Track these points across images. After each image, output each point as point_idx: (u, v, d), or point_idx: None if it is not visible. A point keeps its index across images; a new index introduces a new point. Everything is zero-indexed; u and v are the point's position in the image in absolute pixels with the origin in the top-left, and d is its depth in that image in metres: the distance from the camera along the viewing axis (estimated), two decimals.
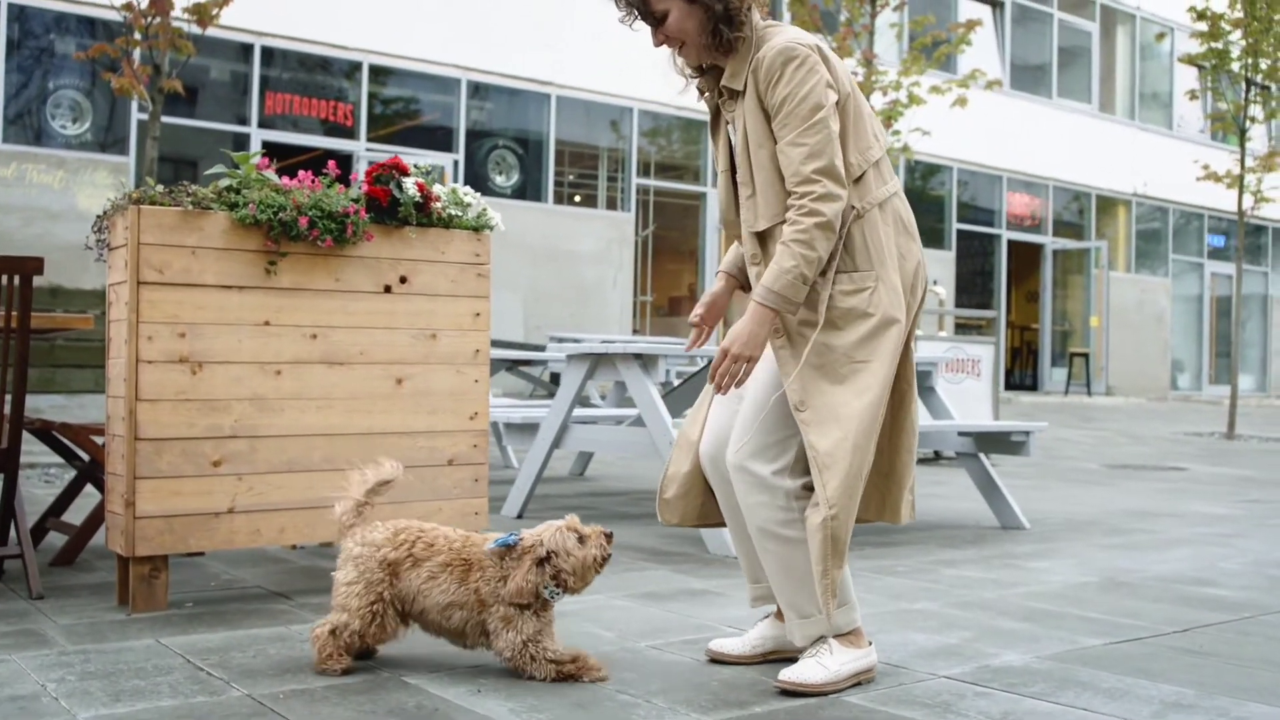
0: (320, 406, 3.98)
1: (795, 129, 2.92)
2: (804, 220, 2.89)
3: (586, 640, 3.46)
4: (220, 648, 3.28)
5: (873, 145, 3.07)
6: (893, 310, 3.00)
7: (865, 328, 2.97)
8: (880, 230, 3.02)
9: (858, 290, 2.99)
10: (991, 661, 3.29)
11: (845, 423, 2.92)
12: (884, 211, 3.04)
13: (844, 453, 2.90)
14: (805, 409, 2.94)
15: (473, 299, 4.31)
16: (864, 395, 2.94)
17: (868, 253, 3.00)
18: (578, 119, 17.17)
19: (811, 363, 2.96)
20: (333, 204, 3.94)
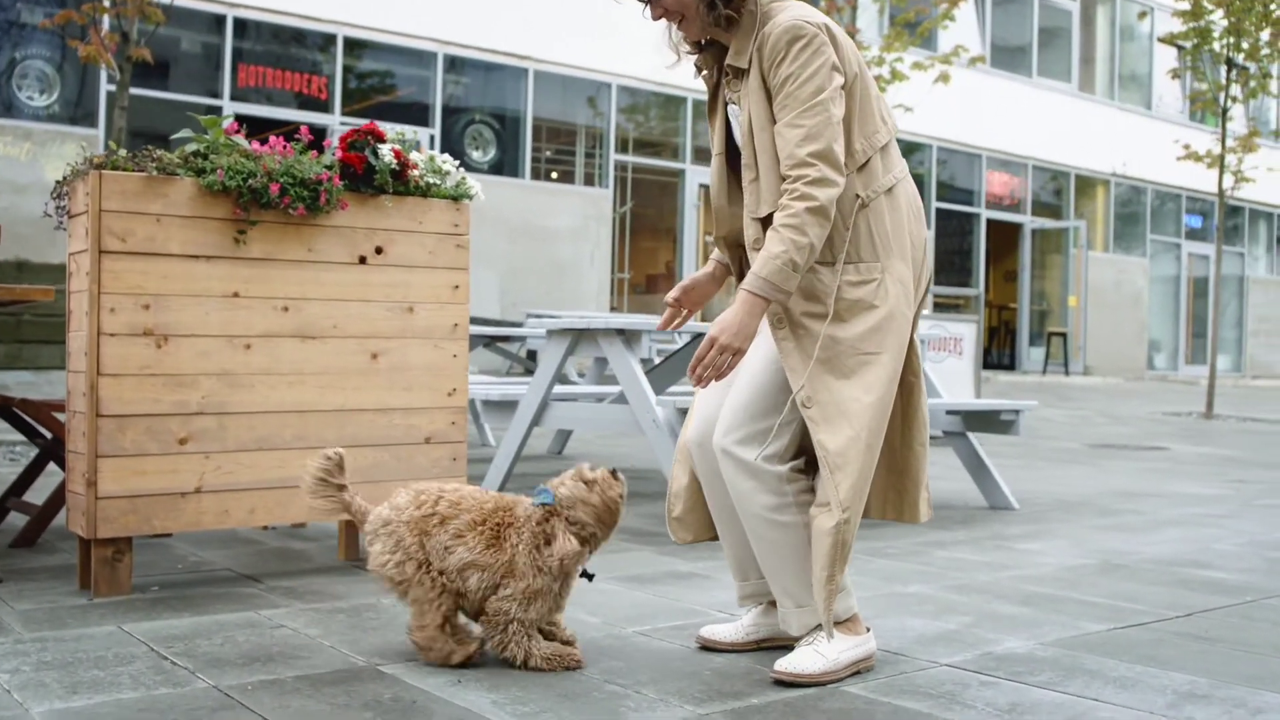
0: (292, 382, 3.81)
1: (794, 110, 2.76)
2: (795, 205, 2.73)
3: (571, 626, 3.30)
4: (186, 635, 3.12)
5: (879, 129, 2.91)
6: (899, 302, 2.85)
7: (872, 320, 2.82)
8: (887, 219, 2.87)
9: (864, 281, 2.84)
10: (994, 649, 3.16)
11: (855, 420, 2.77)
12: (892, 198, 2.89)
13: (856, 453, 2.77)
14: (812, 405, 2.79)
15: (451, 270, 4.14)
16: (872, 390, 2.80)
17: (873, 243, 2.85)
18: (555, 94, 16.96)
19: (817, 356, 2.81)
20: (305, 170, 3.76)
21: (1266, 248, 28.57)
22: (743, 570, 3.11)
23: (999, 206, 22.50)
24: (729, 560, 3.13)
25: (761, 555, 2.92)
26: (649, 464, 7.78)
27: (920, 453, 3.01)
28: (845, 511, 2.74)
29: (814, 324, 2.82)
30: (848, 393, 2.79)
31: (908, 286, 2.89)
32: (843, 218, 2.84)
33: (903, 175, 2.94)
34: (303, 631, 3.17)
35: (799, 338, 2.83)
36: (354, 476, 3.87)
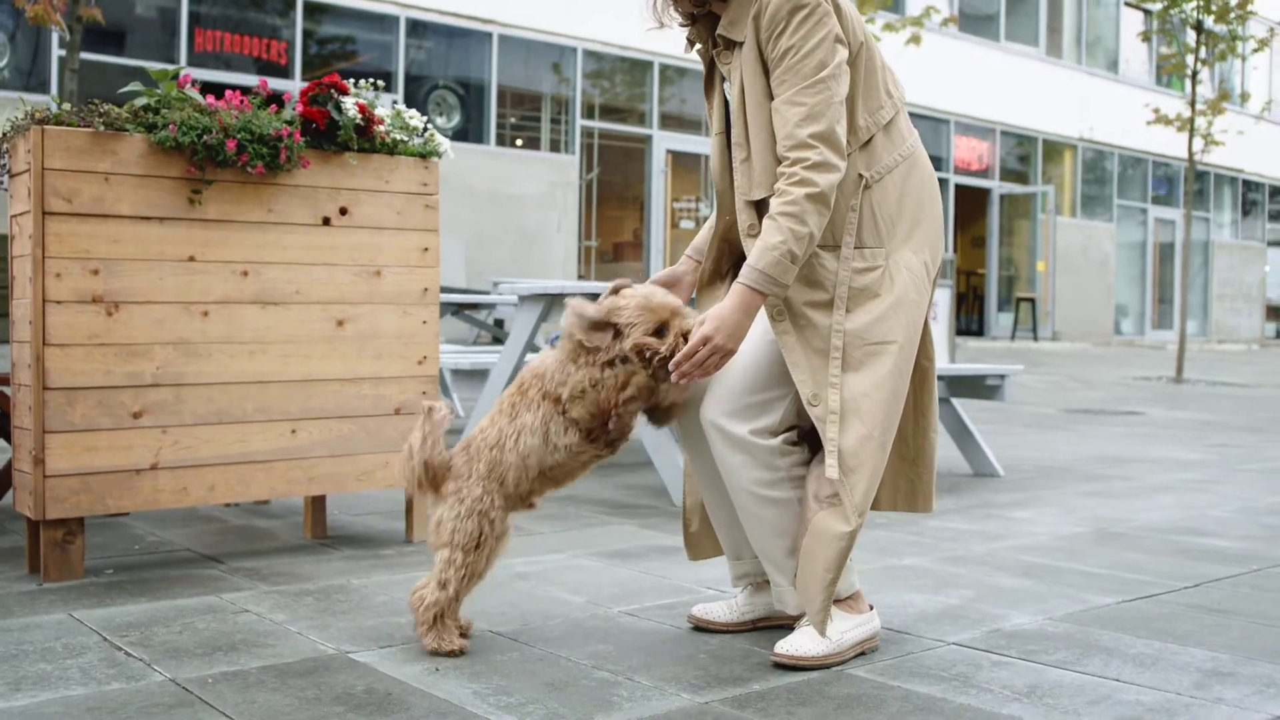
0: (252, 351, 3.60)
1: (794, 86, 2.55)
2: (794, 191, 2.52)
3: (552, 606, 3.13)
4: (142, 621, 2.91)
5: (884, 104, 2.70)
6: (907, 288, 2.66)
7: (878, 309, 2.63)
8: (892, 200, 2.67)
9: (868, 269, 2.64)
10: (1001, 625, 2.99)
11: (867, 417, 2.59)
12: (899, 177, 2.69)
13: (869, 453, 2.59)
14: (819, 403, 2.60)
15: (420, 232, 3.93)
16: (883, 385, 2.60)
17: (877, 227, 2.66)
18: (520, 59, 16.66)
19: (820, 349, 2.62)
20: (264, 126, 3.53)
21: (1231, 212, 28.62)
22: (735, 549, 2.93)
23: (967, 172, 22.38)
24: (721, 537, 2.95)
25: (753, 533, 2.73)
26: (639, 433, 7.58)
27: (933, 439, 2.83)
28: (860, 518, 2.57)
29: (817, 314, 2.62)
30: (857, 387, 2.60)
31: (916, 271, 2.69)
32: (844, 199, 2.64)
33: (911, 151, 2.74)
34: (267, 617, 2.97)
35: (801, 330, 2.63)
36: (319, 450, 3.67)
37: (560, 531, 4.20)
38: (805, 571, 2.60)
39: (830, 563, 2.57)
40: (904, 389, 2.66)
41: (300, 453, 3.69)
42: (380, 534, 4.10)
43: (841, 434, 2.57)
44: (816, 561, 2.58)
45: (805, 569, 2.60)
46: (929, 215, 2.74)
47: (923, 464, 2.83)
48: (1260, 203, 29.43)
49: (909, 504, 2.87)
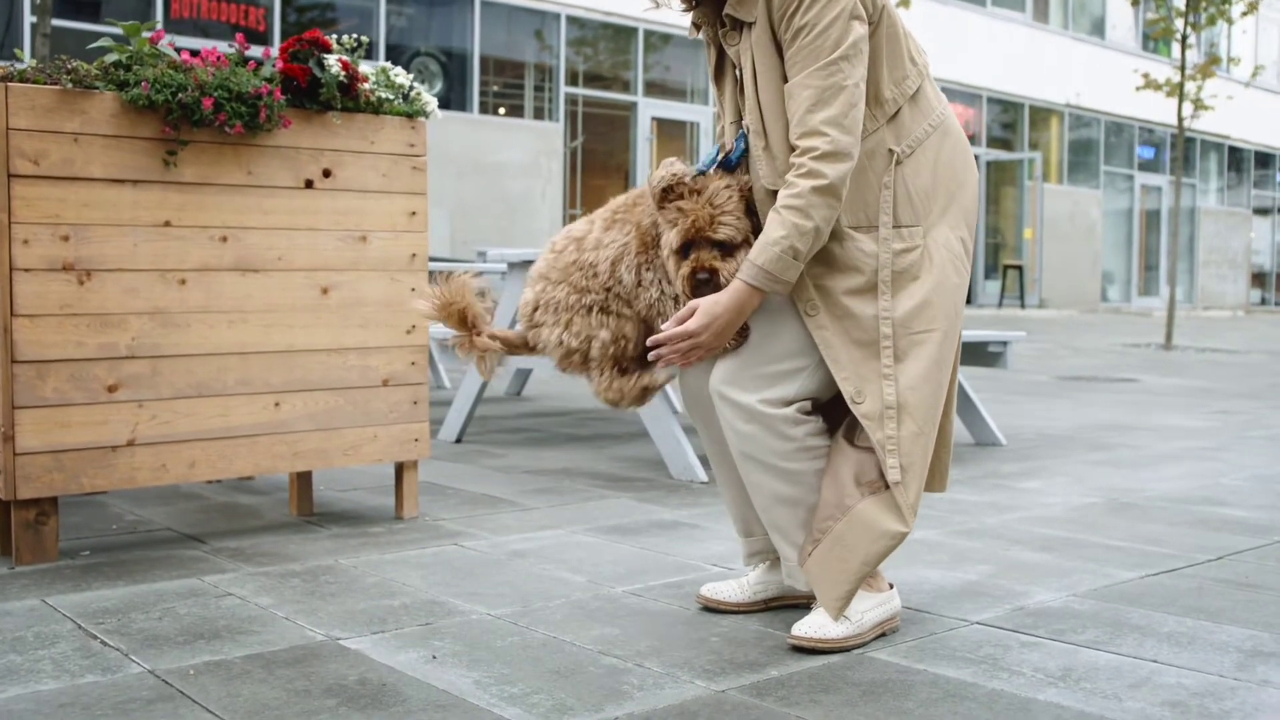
0: (233, 321, 3.42)
1: (808, 67, 2.37)
2: (800, 183, 2.35)
3: (552, 585, 2.97)
4: (119, 607, 2.75)
5: (909, 73, 2.52)
6: (947, 269, 2.50)
7: (919, 294, 2.47)
8: (926, 174, 2.50)
9: (907, 249, 2.48)
10: (1025, 602, 2.85)
11: (915, 412, 2.45)
12: (930, 149, 2.52)
13: (919, 451, 2.46)
14: (864, 399, 2.45)
15: (407, 196, 3.75)
16: (930, 377, 2.46)
17: (912, 204, 2.49)
18: (502, 25, 16.41)
19: (861, 339, 2.46)
20: (242, 84, 3.34)
21: (1217, 179, 28.53)
22: (747, 525, 2.77)
23: None
24: (732, 513, 2.80)
25: (764, 507, 2.57)
26: None
27: (953, 417, 2.68)
28: (914, 518, 2.46)
29: (856, 303, 2.46)
30: (903, 381, 2.45)
31: (955, 251, 2.53)
32: (876, 177, 2.47)
33: (941, 120, 2.56)
34: (252, 601, 2.81)
35: (839, 320, 2.46)
36: (304, 424, 3.51)
37: (555, 506, 4.05)
38: (834, 557, 2.45)
39: (871, 558, 2.43)
40: (947, 380, 2.52)
41: (284, 427, 3.52)
42: (369, 510, 3.94)
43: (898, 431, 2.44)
44: (853, 552, 2.43)
45: (834, 555, 2.45)
46: (964, 187, 2.58)
47: (942, 444, 2.68)
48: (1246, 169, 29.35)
49: (927, 485, 2.73)
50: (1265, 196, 30.19)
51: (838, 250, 2.47)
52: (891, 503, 2.44)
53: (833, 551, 2.45)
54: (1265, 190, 30.16)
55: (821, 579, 2.47)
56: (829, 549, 2.45)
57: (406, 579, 3.03)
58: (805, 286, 2.48)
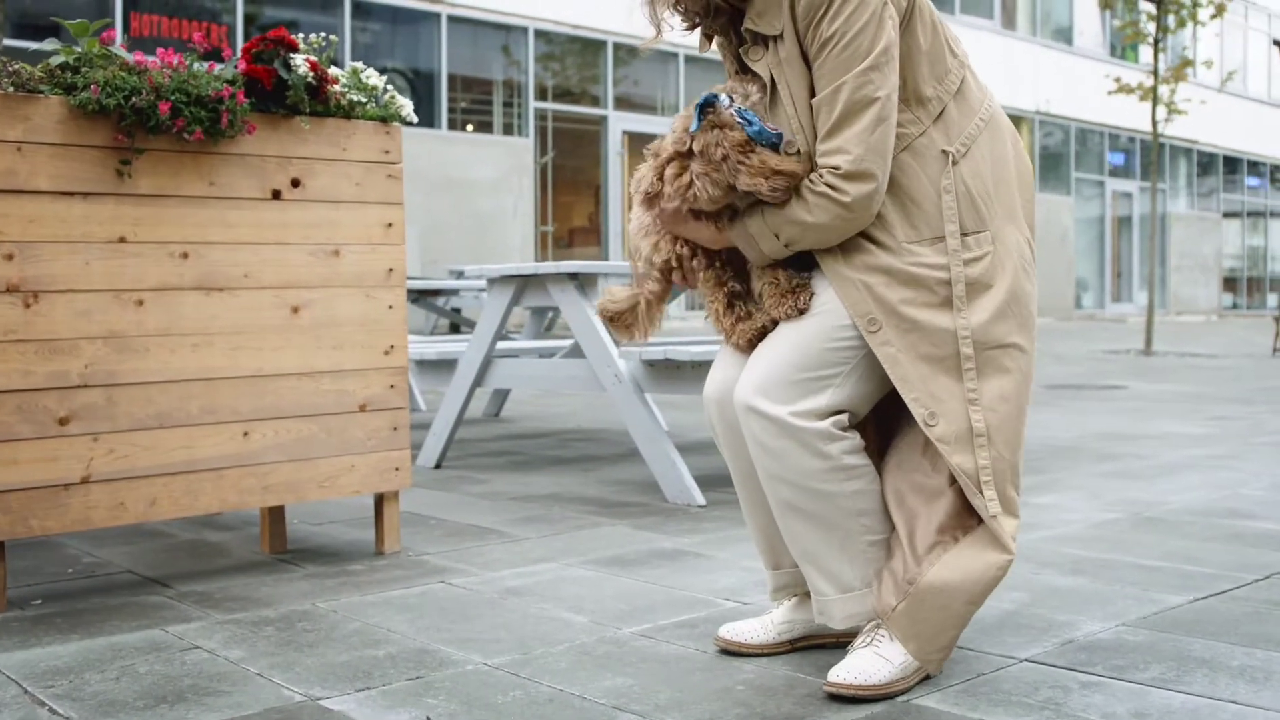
0: (196, 344, 3.14)
1: (836, 79, 2.16)
2: (815, 195, 2.18)
3: (553, 628, 2.71)
4: (72, 666, 2.46)
5: (951, 68, 2.28)
6: (1019, 276, 2.28)
7: (993, 304, 2.24)
8: (985, 173, 2.27)
9: (977, 259, 2.24)
10: (1073, 634, 2.60)
11: (995, 435, 2.24)
12: (986, 145, 2.29)
13: (1003, 477, 2.26)
14: (938, 421, 2.21)
15: (383, 206, 3.49)
16: (1009, 398, 2.25)
17: (975, 207, 2.25)
18: (469, 40, 16.16)
19: (929, 355, 2.22)
20: (201, 86, 3.07)
21: (1186, 184, 28.55)
22: (775, 556, 2.52)
23: None
24: (757, 545, 2.54)
25: (794, 534, 2.32)
26: (606, 424, 7.17)
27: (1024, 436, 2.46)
28: (1014, 544, 2.26)
29: (924, 315, 2.22)
30: (984, 402, 2.23)
31: (1025, 254, 2.31)
32: (932, 182, 2.24)
33: (990, 114, 2.33)
34: (221, 654, 2.52)
35: (904, 335, 2.22)
36: (275, 454, 3.23)
37: (547, 536, 3.78)
38: (932, 606, 2.22)
39: (977, 596, 2.22)
40: (1028, 398, 2.30)
41: (254, 458, 3.24)
42: (347, 546, 3.66)
43: (968, 458, 2.21)
44: (954, 597, 2.21)
45: (932, 604, 2.22)
46: (1023, 182, 2.37)
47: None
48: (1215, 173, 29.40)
49: None
50: (1234, 201, 30.24)
51: (897, 264, 2.23)
52: (989, 535, 2.22)
53: (929, 600, 2.21)
54: (1234, 194, 30.21)
55: (918, 632, 2.23)
56: (924, 598, 2.21)
57: (392, 624, 2.75)
58: (863, 300, 2.24)
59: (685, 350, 4.35)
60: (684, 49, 18.49)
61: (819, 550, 2.31)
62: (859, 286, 2.24)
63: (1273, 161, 31.13)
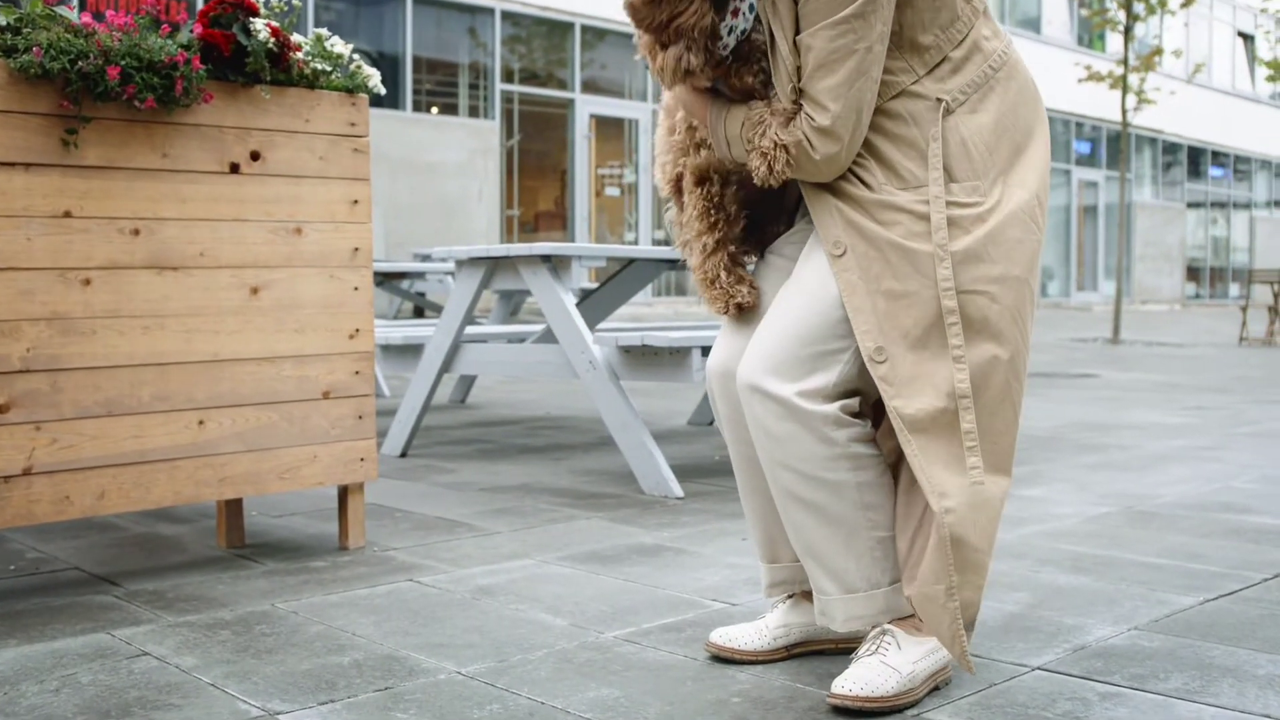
0: (148, 326, 2.94)
1: (817, 23, 1.98)
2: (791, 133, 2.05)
3: (530, 632, 2.53)
4: (9, 676, 2.26)
5: (961, 16, 2.09)
6: (1009, 226, 2.07)
7: (970, 242, 2.05)
8: (986, 123, 2.08)
9: (963, 205, 2.05)
10: (1085, 639, 2.45)
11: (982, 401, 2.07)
12: (996, 95, 2.10)
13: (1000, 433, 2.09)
14: (885, 359, 2.04)
15: (348, 182, 3.29)
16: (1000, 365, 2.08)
17: (969, 157, 2.06)
18: (435, 21, 15.89)
19: (892, 290, 2.04)
20: (154, 51, 2.87)
21: (1151, 173, 28.61)
22: (772, 549, 2.35)
23: None
24: (754, 535, 2.37)
25: (796, 526, 2.15)
26: (575, 411, 7.00)
27: (1021, 404, 2.29)
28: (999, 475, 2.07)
29: (891, 246, 2.05)
30: (968, 359, 2.05)
31: (1026, 206, 2.10)
32: (922, 133, 2.06)
33: (1003, 62, 2.13)
34: (172, 662, 2.33)
35: (869, 263, 2.05)
36: (232, 444, 3.04)
37: (519, 530, 3.60)
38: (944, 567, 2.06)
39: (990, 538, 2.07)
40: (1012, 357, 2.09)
41: (209, 448, 3.04)
42: (308, 540, 3.48)
43: (909, 401, 2.03)
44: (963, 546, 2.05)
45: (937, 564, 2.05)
46: (1032, 139, 2.16)
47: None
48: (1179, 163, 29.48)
49: None
50: (1198, 191, 30.35)
51: (873, 198, 2.07)
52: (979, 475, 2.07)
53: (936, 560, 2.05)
54: (1198, 185, 30.31)
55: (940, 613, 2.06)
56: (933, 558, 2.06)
57: (357, 627, 2.57)
58: (834, 223, 2.08)
59: (663, 336, 4.17)
60: None
61: (822, 545, 2.14)
62: (833, 210, 2.09)
63: (1236, 152, 31.26)
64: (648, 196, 18.24)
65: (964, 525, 2.03)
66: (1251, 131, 31.28)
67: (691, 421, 6.32)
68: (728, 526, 3.63)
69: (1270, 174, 33.12)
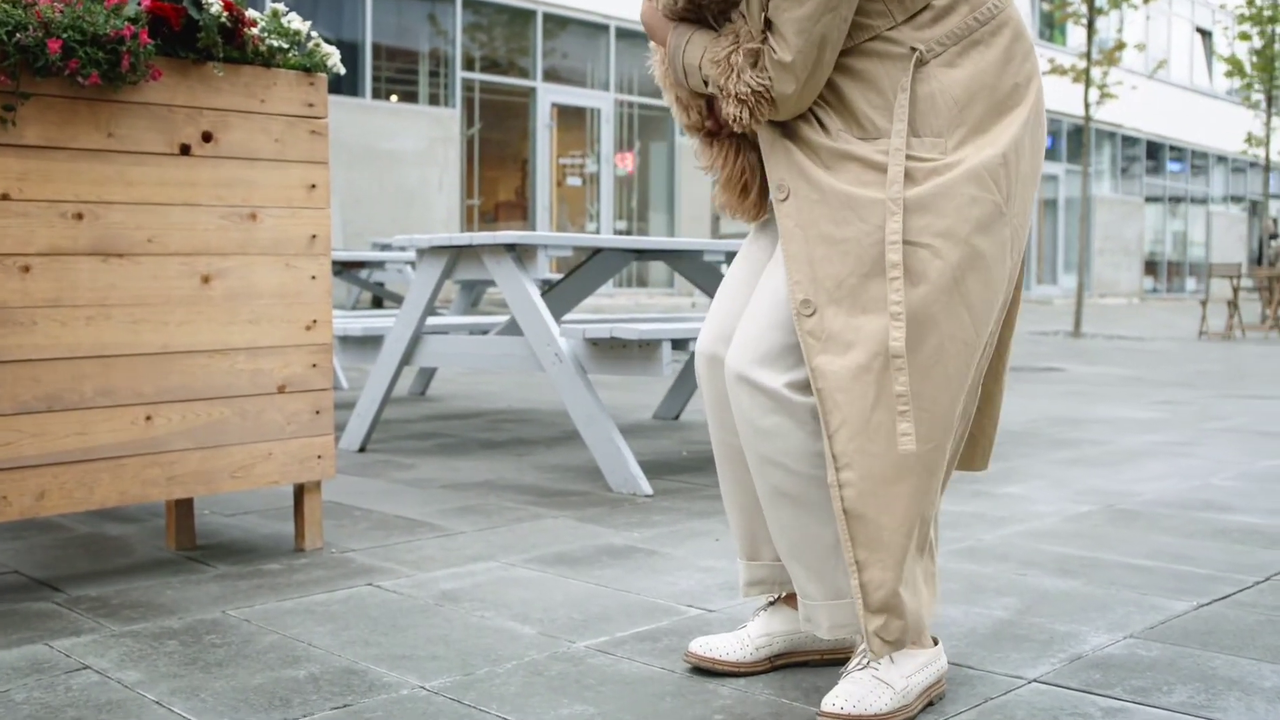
0: (92, 317, 2.78)
1: None
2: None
3: (498, 641, 2.40)
4: None
5: None
6: (962, 182, 1.91)
7: (927, 191, 1.91)
8: (962, 79, 1.93)
9: (922, 160, 1.91)
10: (1080, 648, 2.34)
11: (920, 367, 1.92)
12: (978, 49, 1.95)
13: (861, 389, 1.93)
14: (813, 313, 1.92)
15: (305, 165, 3.14)
16: (919, 314, 1.92)
17: (936, 110, 1.92)
18: (395, 7, 15.66)
19: (830, 235, 1.92)
20: (98, 24, 2.70)
21: (1110, 167, 28.73)
22: (753, 545, 2.22)
23: None
24: (735, 529, 2.24)
25: (781, 525, 2.02)
26: (538, 404, 6.85)
27: (1004, 386, 2.16)
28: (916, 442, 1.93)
29: (835, 188, 1.92)
30: (875, 292, 1.91)
31: (992, 167, 1.93)
32: (891, 82, 1.93)
33: (994, 14, 1.98)
34: (114, 677, 2.18)
35: (811, 206, 1.93)
36: (182, 441, 2.88)
37: (484, 530, 3.46)
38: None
39: (903, 512, 1.93)
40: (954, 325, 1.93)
41: (158, 445, 2.88)
42: (263, 541, 3.32)
43: (831, 359, 1.91)
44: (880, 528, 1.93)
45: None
46: (1022, 100, 2.00)
47: (988, 415, 2.16)
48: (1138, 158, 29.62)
49: (966, 462, 2.20)
50: (1156, 185, 30.50)
51: (825, 142, 1.95)
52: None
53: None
54: (1156, 179, 30.48)
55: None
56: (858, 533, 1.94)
57: (314, 636, 2.43)
58: (780, 163, 1.97)
59: (632, 328, 4.04)
60: (615, 20, 18.13)
61: (808, 547, 2.02)
62: (783, 151, 1.98)
63: (1193, 148, 31.45)
64: (610, 186, 18.08)
65: (863, 500, 1.90)
66: (1209, 127, 31.47)
67: (657, 415, 6.19)
68: (699, 526, 3.51)
69: (1226, 169, 33.35)
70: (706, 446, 5.12)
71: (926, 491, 1.94)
